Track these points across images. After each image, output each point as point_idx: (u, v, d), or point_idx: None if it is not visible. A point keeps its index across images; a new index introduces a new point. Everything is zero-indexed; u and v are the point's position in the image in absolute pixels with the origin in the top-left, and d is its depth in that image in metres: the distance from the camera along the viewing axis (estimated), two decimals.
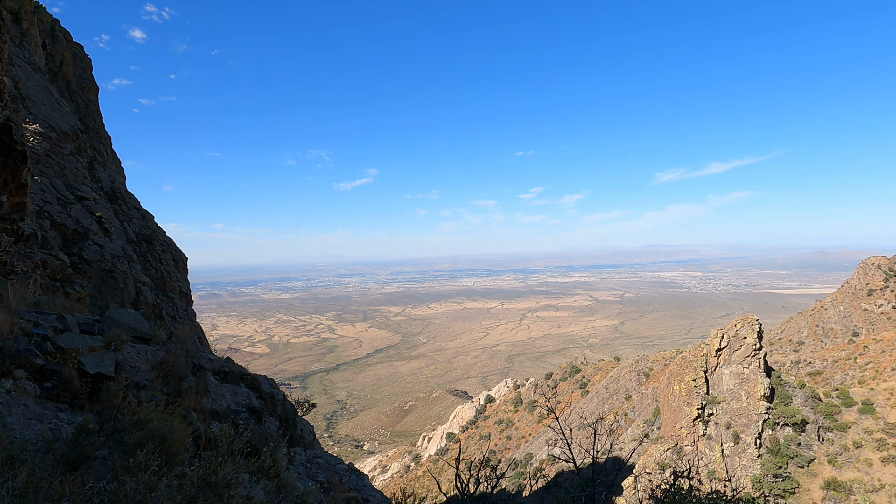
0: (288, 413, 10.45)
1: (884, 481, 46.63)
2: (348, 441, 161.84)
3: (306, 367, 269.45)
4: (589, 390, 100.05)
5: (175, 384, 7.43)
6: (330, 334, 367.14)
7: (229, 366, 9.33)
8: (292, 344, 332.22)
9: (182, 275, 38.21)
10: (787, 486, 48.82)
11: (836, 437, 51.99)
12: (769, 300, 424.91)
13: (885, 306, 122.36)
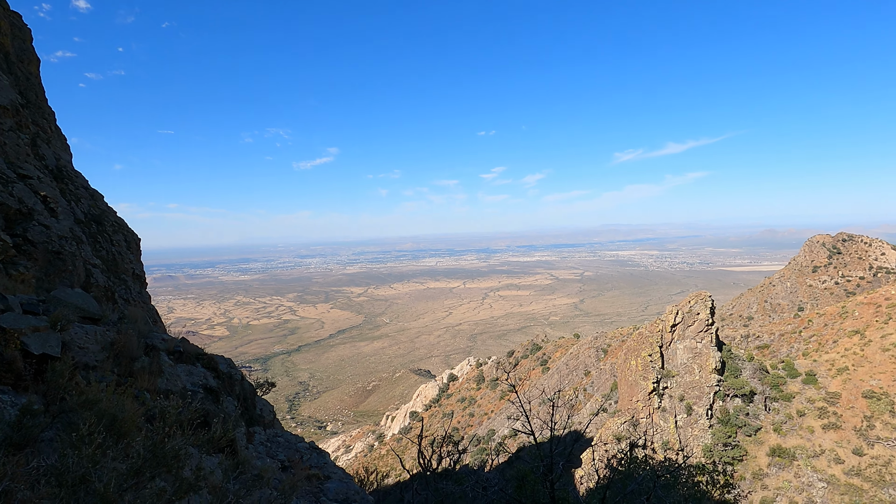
0: (247, 393, 10.28)
1: (824, 447, 49.28)
2: (311, 422, 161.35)
3: (267, 350, 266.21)
4: (549, 367, 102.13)
5: (127, 365, 7.19)
6: (291, 316, 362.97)
7: (184, 346, 9.08)
8: (253, 326, 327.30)
9: (135, 256, 36.94)
10: (736, 454, 51.13)
11: (781, 407, 54.56)
12: (721, 277, 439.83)
13: (829, 282, 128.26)
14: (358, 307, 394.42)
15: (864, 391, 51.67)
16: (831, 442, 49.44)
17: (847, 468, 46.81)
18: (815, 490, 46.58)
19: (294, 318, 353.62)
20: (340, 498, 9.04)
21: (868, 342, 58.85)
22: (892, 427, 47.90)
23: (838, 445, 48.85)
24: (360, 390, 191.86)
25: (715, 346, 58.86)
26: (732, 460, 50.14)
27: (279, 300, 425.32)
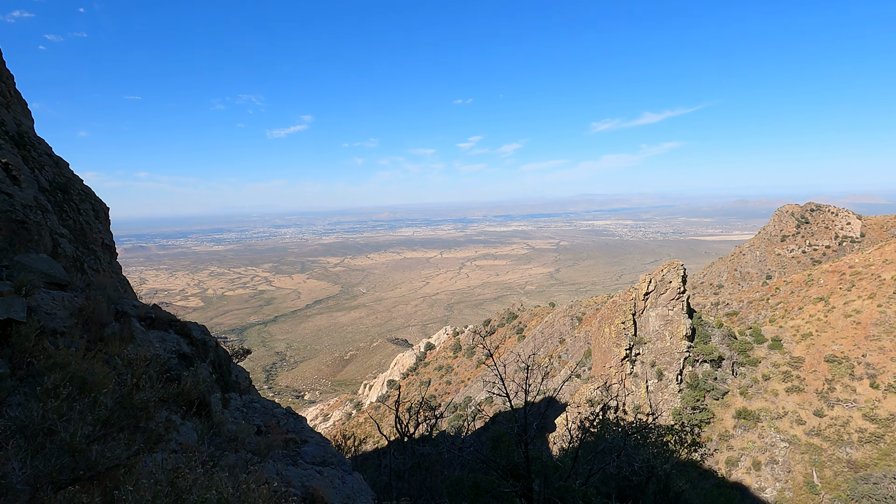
0: (221, 360, 10.22)
1: (787, 409, 51.24)
2: (289, 391, 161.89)
3: (243, 320, 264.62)
4: (525, 335, 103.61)
5: (96, 331, 7.06)
6: (267, 286, 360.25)
7: (156, 312, 8.95)
8: (228, 297, 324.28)
9: (104, 226, 36.02)
10: (704, 417, 52.88)
11: (748, 371, 56.36)
12: (694, 246, 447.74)
13: (796, 251, 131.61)
14: (334, 277, 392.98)
15: (827, 356, 53.59)
16: (794, 404, 51.39)
17: (808, 429, 48.81)
18: (777, 450, 48.57)
19: (270, 289, 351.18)
20: (318, 461, 9.13)
21: (831, 309, 60.80)
22: (851, 389, 49.93)
23: (800, 407, 50.82)
24: (338, 360, 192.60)
25: (686, 314, 60.26)
26: (700, 423, 51.85)
27: (254, 270, 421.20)
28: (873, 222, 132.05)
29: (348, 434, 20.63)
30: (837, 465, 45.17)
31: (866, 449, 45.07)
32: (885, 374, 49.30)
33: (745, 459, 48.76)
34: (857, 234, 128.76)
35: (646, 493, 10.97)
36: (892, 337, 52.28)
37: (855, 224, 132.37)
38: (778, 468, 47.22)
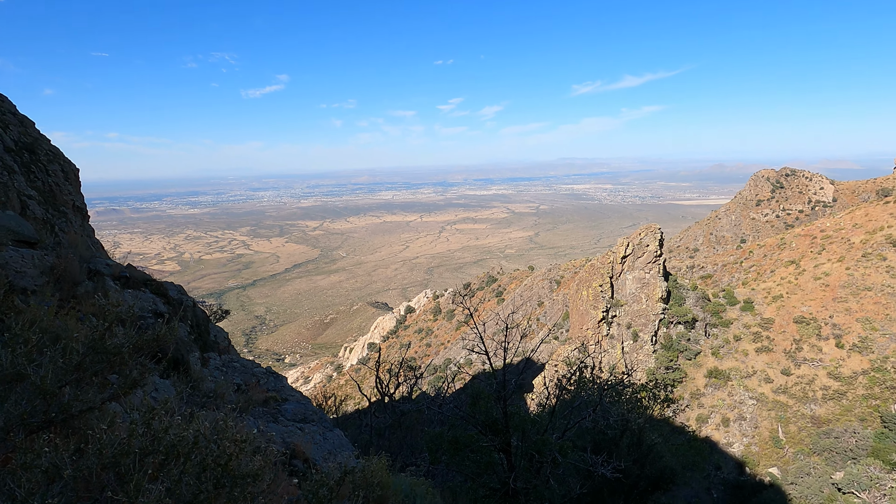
0: (199, 320, 10.13)
1: (756, 368, 52.93)
2: (269, 355, 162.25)
3: (221, 284, 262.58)
4: (504, 298, 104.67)
5: (69, 290, 6.92)
6: (245, 250, 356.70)
7: (131, 271, 8.79)
8: (205, 261, 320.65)
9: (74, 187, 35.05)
10: (677, 377, 54.42)
11: (720, 333, 57.88)
12: (671, 211, 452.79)
13: (770, 215, 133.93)
14: (314, 241, 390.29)
15: (796, 317, 55.18)
16: (763, 363, 53.09)
17: (775, 387, 50.58)
18: (745, 407, 50.36)
19: (248, 253, 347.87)
20: (298, 418, 9.19)
21: (802, 271, 62.31)
22: (817, 349, 51.64)
23: (769, 366, 52.54)
24: (318, 323, 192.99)
25: (662, 277, 61.29)
26: (673, 382, 53.38)
27: (231, 234, 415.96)
28: (845, 187, 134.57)
29: (329, 394, 20.82)
30: (802, 421, 47.07)
31: (829, 405, 46.96)
32: (850, 335, 51.02)
33: (714, 416, 50.53)
34: (830, 199, 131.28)
35: (620, 446, 11.31)
36: (858, 298, 53.93)
37: (828, 189, 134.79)
38: (745, 424, 49.05)
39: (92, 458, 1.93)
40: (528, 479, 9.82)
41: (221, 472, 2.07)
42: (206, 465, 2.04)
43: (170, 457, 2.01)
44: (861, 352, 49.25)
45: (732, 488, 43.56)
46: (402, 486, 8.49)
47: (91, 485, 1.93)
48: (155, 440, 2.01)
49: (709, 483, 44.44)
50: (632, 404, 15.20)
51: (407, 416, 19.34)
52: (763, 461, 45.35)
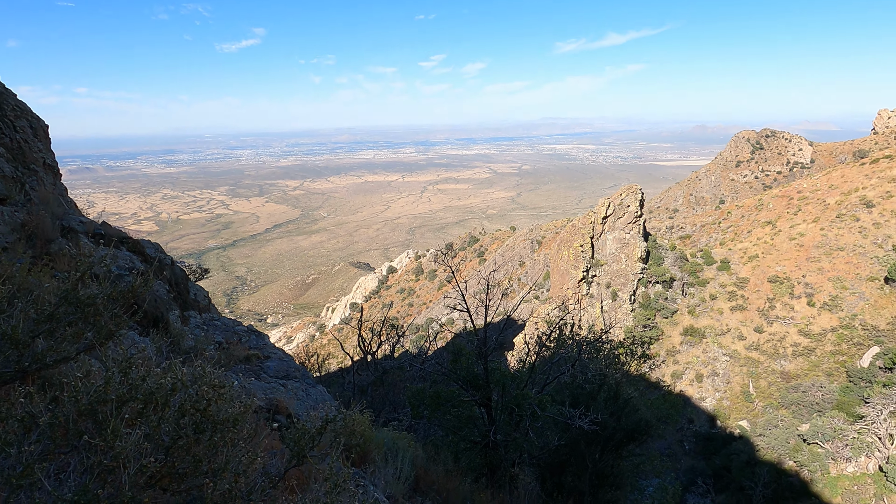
0: (178, 278, 10.03)
1: (730, 326, 54.33)
2: (251, 315, 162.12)
3: (201, 245, 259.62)
4: (486, 258, 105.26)
5: (42, 247, 6.77)
6: (224, 210, 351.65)
7: (106, 229, 8.61)
8: (183, 221, 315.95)
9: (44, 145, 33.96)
10: (654, 335, 55.68)
11: (697, 292, 59.07)
12: (652, 171, 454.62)
13: (749, 176, 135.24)
14: (294, 201, 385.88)
15: (770, 276, 56.43)
16: (737, 321, 54.50)
17: (748, 344, 52.08)
18: (718, 363, 51.91)
19: (227, 213, 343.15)
20: (281, 375, 9.25)
21: (778, 232, 63.42)
22: (789, 307, 53.07)
23: (742, 324, 53.96)
24: (300, 284, 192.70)
25: (642, 237, 61.98)
26: (650, 339, 54.63)
27: (210, 194, 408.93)
28: (823, 149, 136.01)
29: (312, 353, 20.95)
30: (772, 376, 48.73)
31: (798, 361, 48.59)
32: (821, 293, 52.43)
33: (689, 372, 52.06)
34: (808, 161, 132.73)
35: (597, 400, 11.62)
36: (830, 258, 55.22)
37: (806, 150, 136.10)
38: (718, 380, 50.65)
39: (68, 405, 1.92)
40: (507, 431, 10.08)
41: (200, 417, 2.07)
42: (185, 411, 2.05)
43: (148, 404, 2.01)
44: (831, 310, 50.75)
45: (704, 440, 45.29)
46: (385, 440, 8.65)
47: (69, 432, 1.93)
48: (132, 388, 2.00)
49: (681, 435, 46.11)
50: (609, 360, 15.57)
51: (389, 374, 19.61)
52: (734, 415, 47.07)
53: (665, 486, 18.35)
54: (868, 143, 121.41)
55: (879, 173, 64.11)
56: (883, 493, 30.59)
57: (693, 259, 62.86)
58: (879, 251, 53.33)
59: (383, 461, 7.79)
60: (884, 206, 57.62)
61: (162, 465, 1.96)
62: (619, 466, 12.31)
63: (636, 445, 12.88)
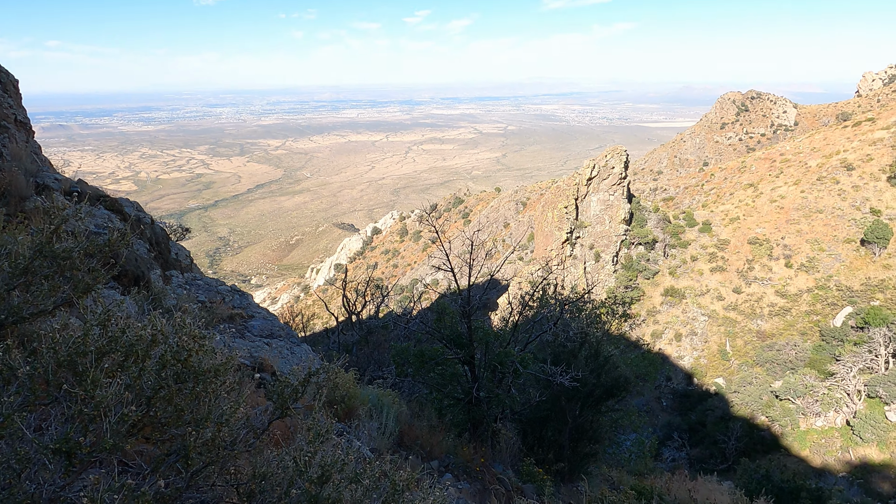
0: (159, 237, 9.91)
1: (710, 287, 55.32)
2: (234, 276, 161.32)
3: (182, 205, 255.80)
4: (471, 220, 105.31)
5: (16, 205, 6.61)
6: (205, 169, 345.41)
7: (82, 187, 8.43)
8: (163, 180, 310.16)
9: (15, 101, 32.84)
10: (635, 295, 56.55)
11: (678, 253, 59.83)
12: (638, 133, 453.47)
13: (734, 138, 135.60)
14: (276, 161, 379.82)
15: (750, 238, 57.25)
16: (716, 282, 55.49)
17: (726, 304, 53.20)
18: (697, 323, 53.07)
19: (208, 172, 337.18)
20: (265, 334, 9.28)
21: (759, 194, 64.05)
22: (768, 269, 54.07)
23: (722, 285, 54.98)
24: (283, 244, 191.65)
25: (626, 199, 62.27)
26: (631, 300, 55.51)
27: (189, 153, 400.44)
28: (807, 111, 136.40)
29: (297, 313, 21.02)
30: (748, 336, 50.01)
31: (775, 321, 49.84)
32: (799, 255, 53.43)
33: (668, 332, 53.20)
34: (791, 123, 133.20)
35: (578, 357, 11.86)
36: (809, 220, 56.08)
37: (791, 112, 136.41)
38: (696, 339, 51.87)
39: (46, 357, 1.91)
40: (490, 388, 10.29)
41: (181, 367, 2.08)
42: (166, 362, 2.06)
43: (129, 356, 2.01)
44: (808, 271, 51.84)
45: (680, 397, 46.69)
46: (370, 397, 8.79)
47: (49, 384, 1.93)
48: (111, 341, 1.99)
49: (659, 392, 47.45)
50: (591, 320, 15.84)
51: (374, 333, 19.79)
52: (710, 372, 48.44)
53: (642, 440, 18.99)
54: (852, 105, 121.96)
55: (861, 136, 64.62)
56: (849, 445, 31.95)
57: (675, 221, 63.46)
58: (857, 213, 54.23)
59: (368, 417, 7.93)
60: (864, 169, 58.31)
61: (143, 415, 1.98)
62: (598, 421, 12.69)
63: (615, 401, 13.24)
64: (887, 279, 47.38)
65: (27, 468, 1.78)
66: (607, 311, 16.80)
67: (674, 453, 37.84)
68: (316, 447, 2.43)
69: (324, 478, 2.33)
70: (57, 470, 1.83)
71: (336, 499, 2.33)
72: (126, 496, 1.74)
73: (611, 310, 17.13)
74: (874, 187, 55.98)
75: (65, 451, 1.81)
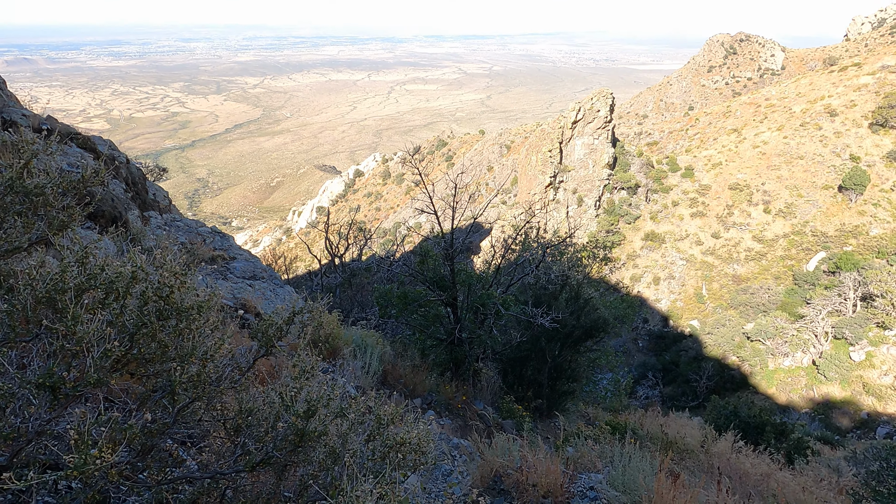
0: (135, 177, 9.67)
1: (689, 231, 56.05)
2: (215, 218, 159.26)
3: (157, 145, 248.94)
4: (454, 162, 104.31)
5: None
6: (180, 108, 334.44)
7: (52, 124, 8.12)
8: (137, 119, 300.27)
9: None
10: (616, 239, 57.17)
11: (660, 198, 60.21)
12: (624, 75, 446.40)
13: (720, 82, 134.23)
14: (255, 100, 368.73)
15: (731, 183, 57.68)
16: (696, 227, 56.22)
17: (704, 249, 54.10)
18: (675, 267, 54.04)
19: (184, 111, 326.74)
20: (248, 275, 9.26)
21: (742, 140, 64.08)
22: (746, 214, 54.80)
23: (701, 230, 55.74)
24: (264, 186, 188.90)
25: (610, 143, 61.94)
26: (612, 244, 56.17)
27: (163, 90, 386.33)
28: (795, 55, 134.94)
29: (279, 255, 20.95)
30: (724, 279, 51.19)
31: (750, 265, 50.96)
32: (777, 201, 54.12)
33: (647, 276, 54.21)
34: (779, 67, 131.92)
35: (558, 300, 12.07)
36: (790, 167, 56.50)
37: (778, 56, 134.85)
38: (674, 283, 52.99)
39: (24, 293, 1.89)
40: (472, 329, 10.48)
41: (164, 304, 2.08)
42: (147, 298, 2.04)
43: (109, 293, 1.99)
44: (785, 216, 52.69)
45: (656, 338, 48.12)
46: (354, 337, 8.92)
47: (29, 320, 1.91)
48: (91, 277, 1.97)
49: (636, 334, 48.81)
50: (572, 263, 16.05)
51: (357, 276, 19.86)
52: (686, 315, 49.80)
53: (618, 379, 19.67)
54: (839, 49, 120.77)
55: (846, 81, 64.40)
56: (813, 383, 33.43)
57: (659, 166, 63.54)
58: (837, 160, 54.73)
59: (352, 357, 8.06)
60: (846, 116, 58.43)
61: (127, 350, 1.98)
62: (576, 361, 13.06)
63: (593, 342, 13.59)
64: (861, 225, 48.42)
65: (12, 403, 1.79)
66: (588, 254, 17.01)
67: (648, 391, 39.36)
68: (301, 383, 2.47)
69: (310, 412, 2.38)
70: (42, 404, 1.84)
71: (322, 432, 2.39)
72: (112, 429, 1.76)
73: (592, 254, 17.35)
74: (855, 133, 56.30)
75: (49, 386, 1.81)
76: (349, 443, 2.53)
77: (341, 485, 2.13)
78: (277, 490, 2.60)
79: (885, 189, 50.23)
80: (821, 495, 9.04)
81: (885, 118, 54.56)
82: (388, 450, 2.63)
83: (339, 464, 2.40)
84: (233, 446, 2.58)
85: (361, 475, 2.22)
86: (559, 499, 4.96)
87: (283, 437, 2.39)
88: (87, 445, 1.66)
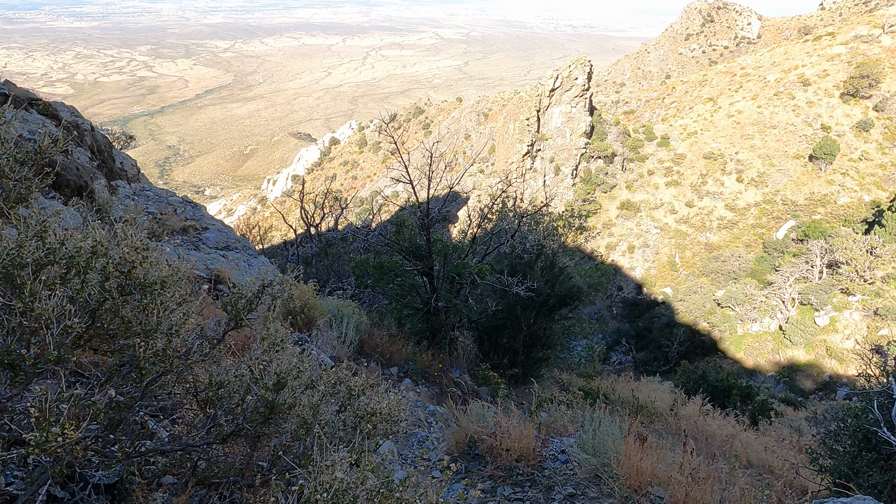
0: (101, 145, 9.38)
1: (664, 200, 56.73)
2: (187, 187, 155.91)
3: (125, 111, 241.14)
4: (431, 131, 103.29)
5: None
6: (148, 72, 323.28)
7: (10, 89, 7.79)
8: (102, 84, 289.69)
9: None
10: (592, 208, 57.62)
11: (636, 167, 60.63)
12: (602, 42, 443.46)
13: (697, 51, 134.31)
14: (226, 64, 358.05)
15: (706, 152, 58.27)
16: (670, 196, 56.89)
17: (678, 217, 54.89)
18: (650, 236, 54.80)
19: (151, 76, 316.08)
20: (221, 246, 9.14)
21: (718, 109, 64.54)
22: (720, 183, 55.58)
23: (675, 199, 56.45)
24: (237, 154, 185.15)
25: (587, 112, 61.84)
26: (588, 213, 56.63)
27: (129, 53, 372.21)
28: (771, 24, 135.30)
29: (253, 225, 20.69)
30: (697, 248, 52.14)
31: (722, 234, 51.95)
32: (750, 170, 54.94)
33: (622, 244, 54.92)
34: (755, 36, 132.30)
35: (534, 268, 12.19)
36: (763, 136, 57.22)
37: (755, 25, 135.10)
38: (648, 251, 53.81)
39: None
40: (448, 298, 10.56)
41: (125, 279, 2.05)
42: (109, 274, 2.01)
43: (70, 269, 1.95)
44: (757, 185, 53.59)
45: (630, 305, 49.05)
46: (330, 307, 8.91)
47: None
48: (50, 252, 1.92)
49: (611, 301, 49.68)
50: (548, 232, 16.18)
51: (333, 245, 19.76)
52: (659, 283, 50.76)
53: (592, 345, 20.10)
54: (814, 18, 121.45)
55: (820, 51, 64.95)
56: (779, 347, 34.56)
57: (635, 135, 63.79)
58: (809, 130, 55.56)
59: (328, 327, 8.07)
60: (819, 85, 59.12)
61: (89, 326, 1.95)
62: (551, 329, 13.28)
63: (568, 310, 13.81)
64: (829, 194, 49.53)
65: None
66: (564, 223, 17.16)
67: (621, 357, 40.30)
68: (271, 356, 2.48)
69: (279, 384, 2.39)
70: (1, 382, 1.82)
71: (292, 404, 2.41)
72: (76, 405, 1.75)
73: (568, 222, 17.50)
74: (827, 103, 57.09)
75: (7, 363, 1.79)
76: (320, 413, 2.55)
77: (312, 454, 2.16)
78: (250, 460, 2.64)
79: (854, 158, 51.31)
80: (781, 454, 9.46)
81: (855, 88, 55.36)
82: (359, 419, 2.67)
83: (311, 434, 2.43)
84: (205, 418, 2.60)
85: (333, 445, 2.25)
86: (531, 462, 5.12)
87: (254, 409, 2.41)
88: (48, 423, 1.66)
